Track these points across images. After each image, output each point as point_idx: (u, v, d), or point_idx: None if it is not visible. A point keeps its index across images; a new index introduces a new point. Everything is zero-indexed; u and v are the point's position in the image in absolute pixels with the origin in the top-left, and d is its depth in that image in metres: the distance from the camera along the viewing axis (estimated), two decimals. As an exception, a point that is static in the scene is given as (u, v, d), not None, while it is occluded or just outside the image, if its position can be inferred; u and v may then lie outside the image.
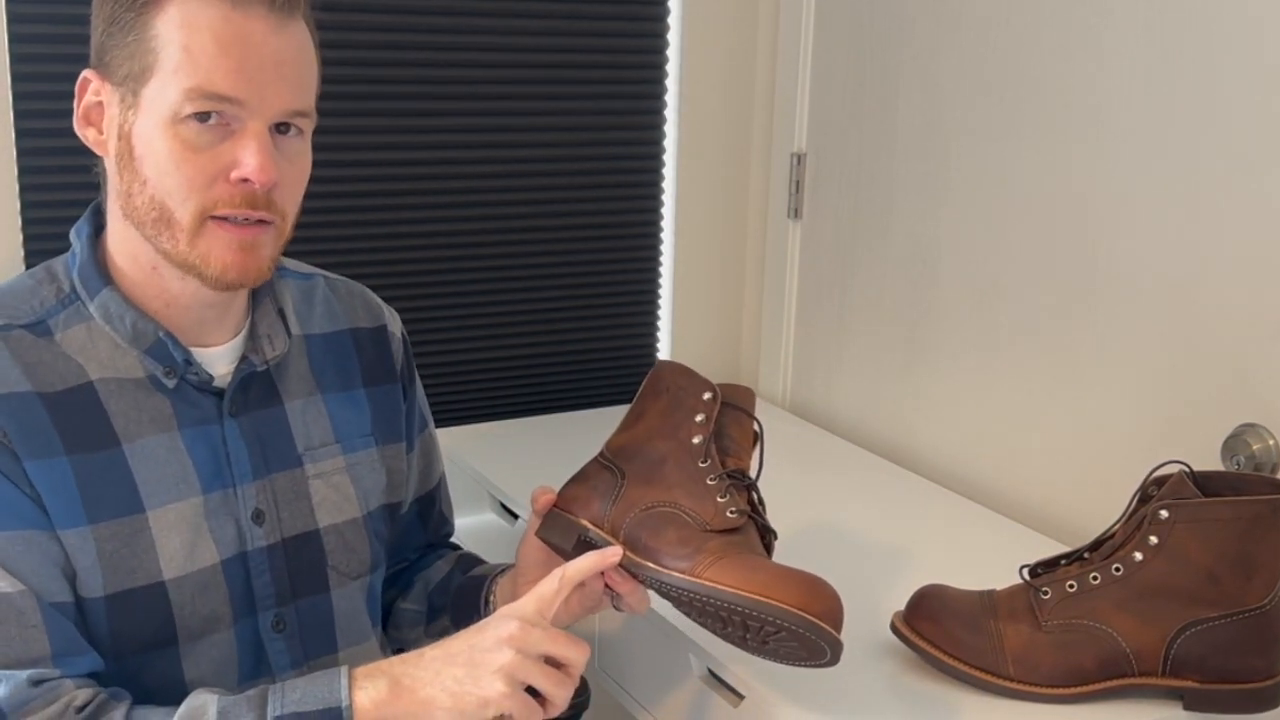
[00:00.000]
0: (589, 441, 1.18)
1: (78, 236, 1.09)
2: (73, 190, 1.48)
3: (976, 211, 1.58)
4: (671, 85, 1.90)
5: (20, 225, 1.53)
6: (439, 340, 1.82)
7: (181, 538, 1.05)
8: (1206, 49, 1.28)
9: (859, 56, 1.75)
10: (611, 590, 1.08)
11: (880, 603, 1.25)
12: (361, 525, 1.18)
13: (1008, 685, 1.10)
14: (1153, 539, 1.09)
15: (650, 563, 1.04)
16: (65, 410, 1.02)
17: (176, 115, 0.99)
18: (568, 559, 1.06)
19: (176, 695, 0.99)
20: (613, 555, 1.05)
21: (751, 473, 1.11)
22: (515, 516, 1.60)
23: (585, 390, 1.94)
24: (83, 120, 1.05)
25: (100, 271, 1.07)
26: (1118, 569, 1.09)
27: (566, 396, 1.93)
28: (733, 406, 1.13)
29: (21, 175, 1.52)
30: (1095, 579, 1.10)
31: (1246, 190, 1.25)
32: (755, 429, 1.13)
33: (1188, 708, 1.10)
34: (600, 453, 1.14)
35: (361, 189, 1.71)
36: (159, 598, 1.04)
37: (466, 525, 1.53)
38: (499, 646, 0.96)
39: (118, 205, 1.05)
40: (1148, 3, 1.33)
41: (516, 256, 1.84)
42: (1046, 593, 1.11)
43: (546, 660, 0.98)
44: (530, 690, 0.97)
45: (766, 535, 1.07)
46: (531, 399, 1.90)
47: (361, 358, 1.22)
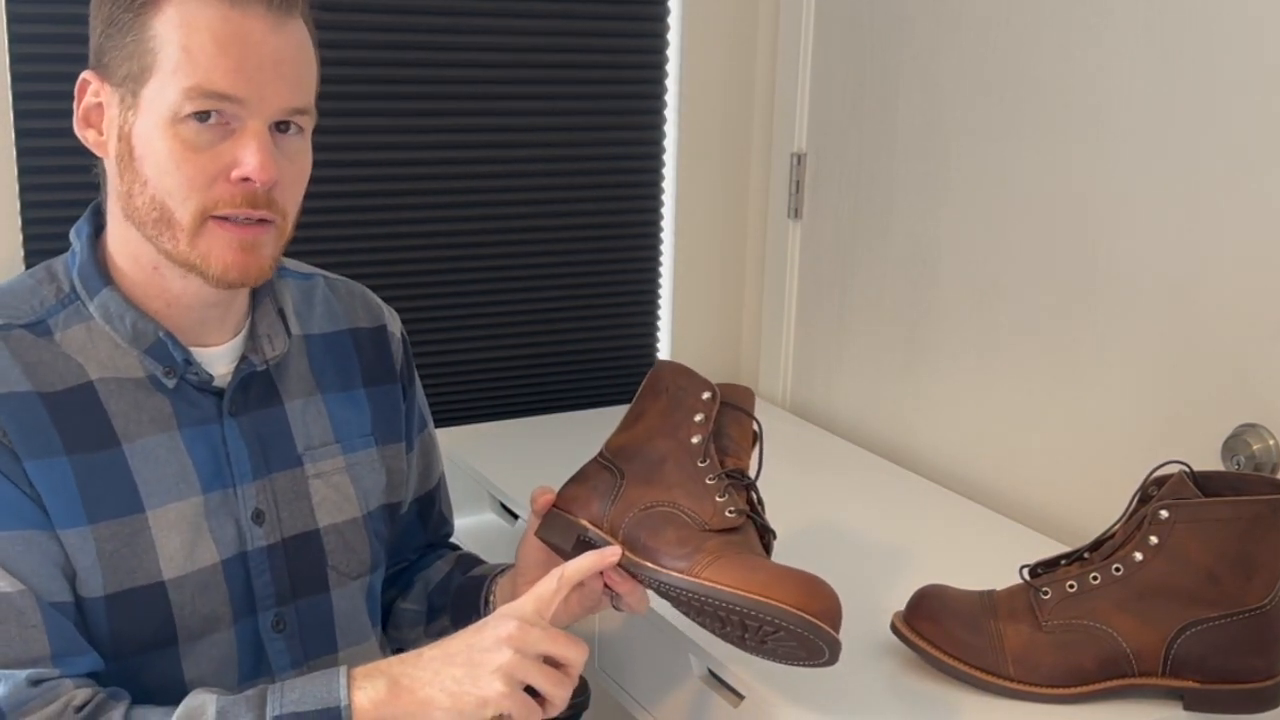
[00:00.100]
0: (589, 441, 1.18)
1: (78, 236, 1.09)
2: (73, 190, 1.48)
3: (976, 211, 1.58)
4: (671, 85, 1.90)
5: (20, 225, 1.53)
6: (439, 340, 1.82)
7: (181, 537, 1.05)
8: (1206, 49, 1.28)
9: (859, 56, 1.75)
10: (611, 590, 1.08)
11: (880, 603, 1.25)
12: (361, 525, 1.18)
13: (1008, 685, 1.10)
14: (1153, 539, 1.09)
15: (649, 562, 1.04)
16: (65, 410, 1.02)
17: (176, 115, 0.99)
18: (567, 559, 1.06)
19: (176, 695, 0.99)
20: (611, 555, 1.05)
21: (751, 472, 1.11)
22: (515, 516, 1.60)
23: (585, 390, 1.94)
24: (83, 122, 1.05)
25: (100, 271, 1.07)
26: (1118, 569, 1.09)
27: (566, 396, 1.93)
28: (732, 406, 1.12)
29: (21, 175, 1.52)
30: (1095, 579, 1.10)
31: (1246, 190, 1.25)
32: (755, 429, 1.13)
33: (1188, 708, 1.10)
34: (600, 453, 1.14)
35: (361, 189, 1.71)
36: (159, 597, 1.04)
37: (466, 525, 1.53)
38: (498, 646, 0.96)
39: (118, 206, 1.05)
40: (1148, 3, 1.33)
41: (516, 256, 1.84)
42: (1046, 593, 1.11)
43: (545, 660, 0.98)
44: (530, 690, 0.97)
45: (765, 535, 1.07)
46: (531, 399, 1.90)
47: (361, 358, 1.22)
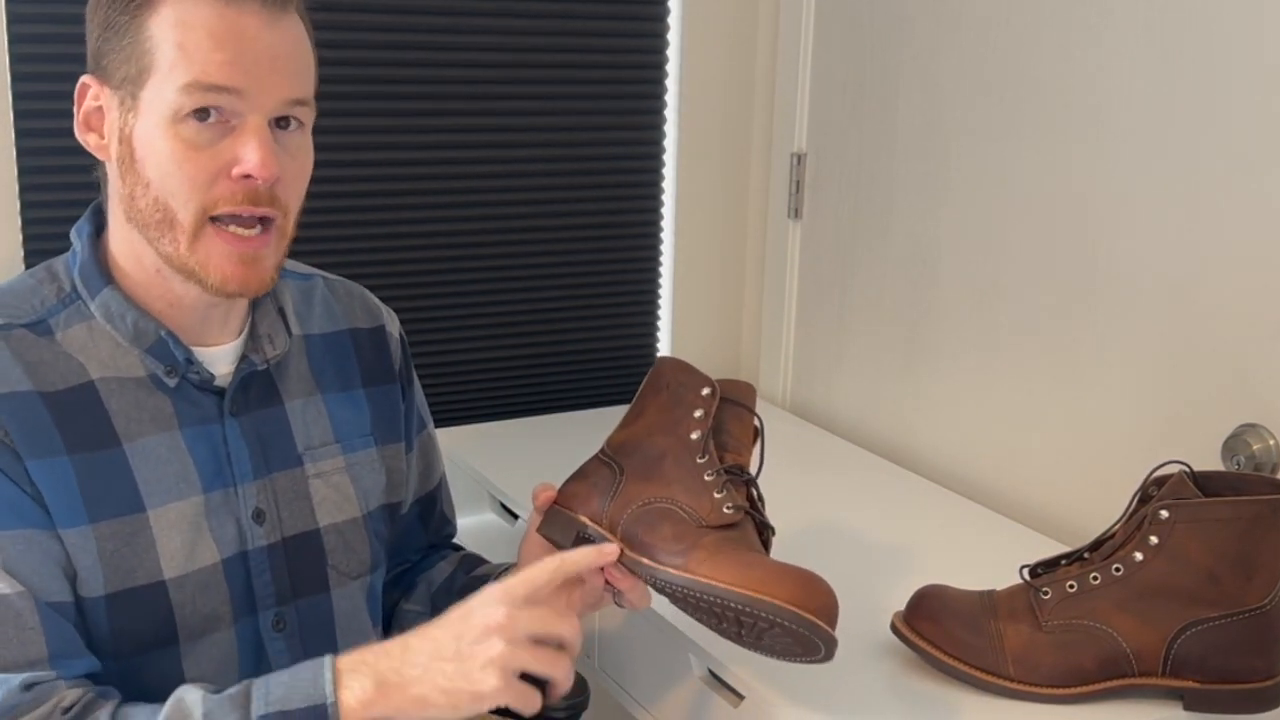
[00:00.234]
0: (589, 441, 1.18)
1: (78, 236, 1.09)
2: (73, 190, 1.48)
3: (976, 211, 1.58)
4: (671, 85, 1.90)
5: (20, 225, 1.53)
6: (439, 340, 1.82)
7: (182, 537, 1.05)
8: (1206, 49, 1.28)
9: (859, 56, 1.75)
10: (612, 586, 1.08)
11: (880, 603, 1.25)
12: (361, 525, 1.18)
13: (1008, 685, 1.10)
14: (1153, 539, 1.08)
15: (645, 558, 1.04)
16: (66, 409, 1.02)
17: (176, 114, 0.99)
18: (569, 556, 1.06)
19: (176, 695, 0.98)
20: (609, 551, 1.04)
21: (752, 468, 1.11)
22: (515, 516, 1.60)
23: (585, 390, 1.94)
24: (83, 126, 1.05)
25: (101, 271, 1.07)
26: (1118, 569, 1.09)
27: (566, 396, 1.93)
28: (733, 402, 1.12)
29: (21, 175, 1.52)
30: (1095, 579, 1.10)
31: (1246, 190, 1.25)
32: (756, 424, 1.13)
33: (1188, 708, 1.10)
34: (601, 449, 1.14)
35: (361, 189, 1.71)
36: (159, 597, 1.04)
37: (467, 525, 1.53)
38: (486, 637, 0.93)
39: (120, 209, 1.05)
40: (1148, 3, 1.33)
41: (516, 256, 1.84)
42: (1046, 593, 1.11)
43: (540, 640, 0.96)
44: (529, 675, 0.95)
45: (764, 531, 1.07)
46: (531, 399, 1.90)
47: (360, 358, 1.22)
